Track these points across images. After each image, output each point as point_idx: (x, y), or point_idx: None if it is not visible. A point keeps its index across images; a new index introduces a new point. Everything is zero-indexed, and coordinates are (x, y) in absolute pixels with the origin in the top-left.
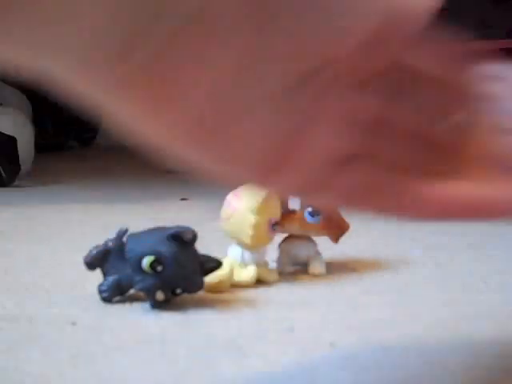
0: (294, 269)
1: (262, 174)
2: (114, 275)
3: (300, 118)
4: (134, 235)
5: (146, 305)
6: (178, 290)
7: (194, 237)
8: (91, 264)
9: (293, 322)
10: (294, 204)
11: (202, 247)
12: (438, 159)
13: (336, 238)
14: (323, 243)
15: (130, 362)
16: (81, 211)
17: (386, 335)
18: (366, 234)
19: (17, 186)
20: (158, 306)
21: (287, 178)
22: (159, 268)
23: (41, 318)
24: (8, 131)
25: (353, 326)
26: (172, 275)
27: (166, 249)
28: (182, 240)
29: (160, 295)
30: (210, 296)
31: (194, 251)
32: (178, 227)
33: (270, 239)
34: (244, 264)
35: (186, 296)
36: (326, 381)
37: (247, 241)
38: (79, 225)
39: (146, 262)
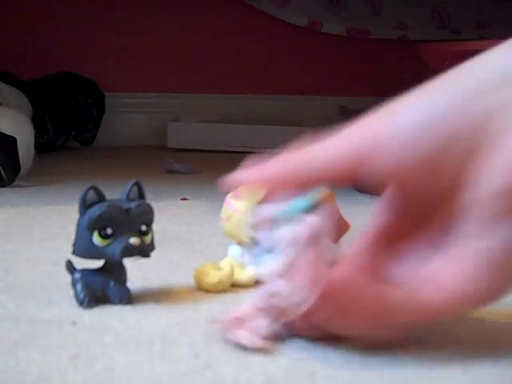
0: None
1: None
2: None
3: None
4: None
5: (147, 305)
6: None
7: None
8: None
9: None
10: None
11: (202, 247)
12: None
13: (336, 238)
14: None
15: (130, 361)
16: None
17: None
18: None
19: (17, 186)
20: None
21: None
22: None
23: (41, 318)
24: (8, 131)
25: None
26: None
27: None
28: None
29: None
30: (210, 296)
31: None
32: None
33: None
34: (244, 264)
35: (186, 296)
36: (326, 381)
37: (247, 241)
38: None
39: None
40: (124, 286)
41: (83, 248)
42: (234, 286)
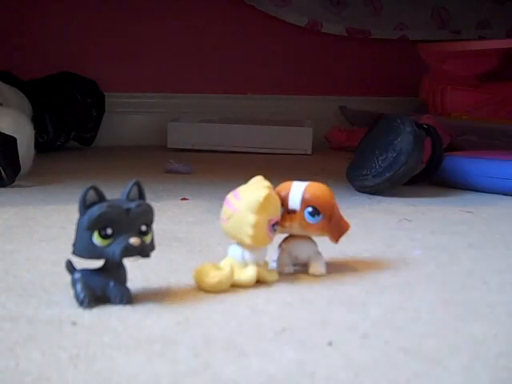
0: (294, 269)
1: None
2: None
3: None
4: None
5: (147, 305)
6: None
7: None
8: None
9: (292, 322)
10: (293, 204)
11: (202, 247)
12: None
13: (336, 238)
14: (323, 243)
15: (130, 361)
16: None
17: (386, 335)
18: (366, 234)
19: (17, 186)
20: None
21: None
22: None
23: (41, 318)
24: (8, 131)
25: (353, 325)
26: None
27: None
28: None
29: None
30: (210, 296)
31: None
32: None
33: (270, 239)
34: (244, 264)
35: (186, 296)
36: (326, 381)
37: (247, 241)
38: None
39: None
40: (124, 286)
41: (83, 248)
42: (234, 285)
